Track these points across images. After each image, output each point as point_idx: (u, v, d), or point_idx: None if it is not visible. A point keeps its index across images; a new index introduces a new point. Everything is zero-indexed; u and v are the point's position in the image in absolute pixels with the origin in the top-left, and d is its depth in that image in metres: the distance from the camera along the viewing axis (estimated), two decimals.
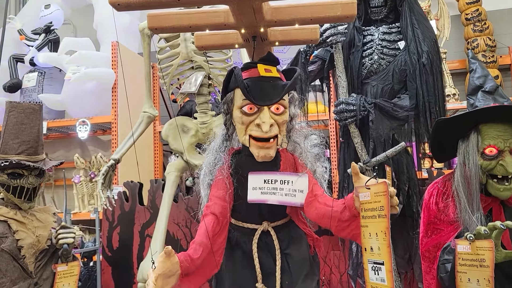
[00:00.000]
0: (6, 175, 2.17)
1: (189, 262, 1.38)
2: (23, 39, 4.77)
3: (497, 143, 1.59)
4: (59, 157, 4.91)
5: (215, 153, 1.66)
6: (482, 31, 4.09)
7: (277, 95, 1.49)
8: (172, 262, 1.32)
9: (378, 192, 1.27)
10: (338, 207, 1.43)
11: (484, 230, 1.41)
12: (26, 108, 2.23)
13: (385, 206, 1.24)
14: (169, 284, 1.32)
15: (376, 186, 1.28)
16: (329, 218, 1.45)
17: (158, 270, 1.29)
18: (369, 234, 1.29)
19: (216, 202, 1.56)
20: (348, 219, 1.41)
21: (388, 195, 1.24)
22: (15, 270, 2.11)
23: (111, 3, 1.28)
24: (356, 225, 1.38)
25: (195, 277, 1.43)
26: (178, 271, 1.34)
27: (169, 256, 1.31)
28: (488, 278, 1.37)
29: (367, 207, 1.31)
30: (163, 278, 1.30)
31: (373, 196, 1.29)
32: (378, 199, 1.27)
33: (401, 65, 2.34)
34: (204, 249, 1.44)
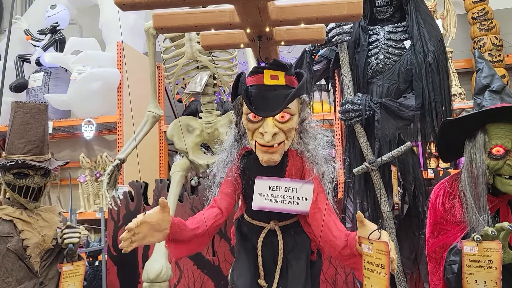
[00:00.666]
0: (12, 175, 2.18)
1: (181, 229, 1.41)
2: (29, 39, 4.79)
3: (504, 142, 1.58)
4: (65, 157, 4.93)
5: (226, 152, 1.70)
6: (488, 30, 4.07)
7: (279, 106, 1.49)
8: (164, 217, 1.35)
9: (380, 250, 1.29)
10: (340, 242, 1.45)
11: (492, 231, 1.40)
12: (32, 108, 2.24)
13: (386, 266, 1.26)
14: (153, 237, 1.35)
15: (378, 244, 1.29)
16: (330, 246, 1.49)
17: (147, 217, 1.31)
18: (370, 286, 1.31)
19: (223, 197, 1.63)
20: (348, 255, 1.44)
21: (389, 256, 1.25)
22: (21, 269, 2.12)
23: (116, 3, 1.28)
24: (355, 261, 1.41)
25: (180, 246, 1.47)
26: (167, 230, 1.36)
27: (163, 209, 1.33)
28: (496, 280, 1.36)
29: (369, 260, 1.33)
30: (149, 228, 1.32)
31: (375, 251, 1.30)
32: (379, 256, 1.29)
33: (407, 64, 2.32)
34: (200, 226, 1.49)
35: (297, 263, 1.61)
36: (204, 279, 3.05)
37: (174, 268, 3.06)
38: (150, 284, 2.68)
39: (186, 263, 3.09)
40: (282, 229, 1.64)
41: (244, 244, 1.69)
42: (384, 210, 2.24)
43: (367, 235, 1.32)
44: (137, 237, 1.31)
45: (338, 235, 1.47)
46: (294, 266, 1.61)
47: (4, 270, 2.07)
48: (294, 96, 1.51)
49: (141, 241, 1.33)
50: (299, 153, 1.66)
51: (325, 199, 1.57)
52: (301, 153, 1.65)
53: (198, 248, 1.58)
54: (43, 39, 4.74)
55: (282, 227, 1.64)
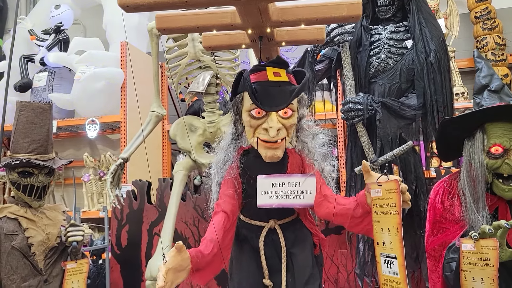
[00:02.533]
0: (17, 174, 2.21)
1: (200, 258, 1.41)
2: (34, 39, 4.82)
3: (503, 141, 1.59)
4: (69, 156, 4.97)
5: (224, 152, 1.69)
6: (491, 29, 4.06)
7: (285, 101, 1.51)
8: (183, 257, 1.35)
9: (390, 189, 1.30)
10: (351, 205, 1.47)
11: (489, 229, 1.41)
12: (36, 107, 2.27)
13: (397, 203, 1.27)
14: (179, 278, 1.35)
15: (388, 184, 1.31)
16: (342, 216, 1.49)
17: (168, 264, 1.32)
18: (381, 229, 1.32)
19: (226, 200, 1.61)
20: (361, 216, 1.44)
21: (400, 193, 1.27)
22: (26, 267, 2.14)
23: (120, 5, 1.30)
24: (369, 221, 1.41)
25: (205, 272, 1.47)
26: (189, 266, 1.37)
27: (180, 251, 1.34)
28: (493, 277, 1.37)
29: (378, 203, 1.33)
30: (174, 273, 1.33)
31: (384, 193, 1.31)
32: (389, 196, 1.29)
33: (409, 64, 2.33)
34: (214, 245, 1.47)
35: (301, 255, 1.62)
36: None
37: None
38: (153, 282, 2.70)
39: None
40: (282, 226, 1.65)
41: (242, 247, 1.68)
42: None
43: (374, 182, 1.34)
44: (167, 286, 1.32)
45: (347, 201, 1.49)
46: (299, 258, 1.61)
47: (9, 268, 2.10)
48: (299, 91, 1.53)
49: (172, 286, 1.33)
50: (298, 150, 1.67)
51: (329, 188, 1.59)
52: (299, 150, 1.66)
53: (221, 264, 1.57)
54: (47, 39, 4.77)
55: (281, 225, 1.65)
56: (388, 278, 1.28)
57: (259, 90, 1.51)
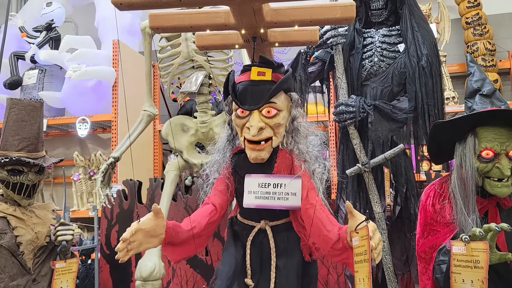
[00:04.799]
0: (6, 172, 2.18)
1: (176, 232, 1.42)
2: (24, 36, 4.77)
3: (494, 146, 1.61)
4: (59, 155, 4.91)
5: (219, 152, 1.70)
6: (482, 35, 4.11)
7: (262, 99, 1.52)
8: (158, 223, 1.36)
9: (363, 236, 1.30)
10: (333, 235, 1.46)
11: (479, 231, 1.42)
12: (27, 105, 2.24)
13: (367, 250, 1.27)
14: (149, 243, 1.36)
15: (362, 230, 1.31)
16: (323, 242, 1.50)
17: (141, 225, 1.33)
18: (359, 280, 1.32)
19: (217, 194, 1.65)
20: (340, 249, 1.45)
21: (369, 239, 1.27)
22: (14, 266, 2.12)
23: (113, 3, 1.30)
24: (347, 256, 1.42)
25: (177, 249, 1.49)
26: (162, 235, 1.38)
27: (156, 215, 1.34)
28: (482, 279, 1.38)
29: (357, 252, 1.34)
30: (144, 235, 1.33)
31: (360, 240, 1.32)
32: (363, 243, 1.30)
33: (401, 67, 2.35)
34: (196, 226, 1.50)
35: (287, 263, 1.62)
36: (197, 278, 3.07)
37: (167, 266, 3.06)
38: (143, 282, 2.69)
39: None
40: (273, 229, 1.65)
41: (234, 242, 1.70)
42: (376, 211, 2.26)
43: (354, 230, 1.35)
44: (132, 245, 1.31)
45: (332, 229, 1.48)
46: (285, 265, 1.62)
47: None
48: (276, 89, 1.53)
49: (137, 249, 1.34)
50: (289, 151, 1.67)
51: (316, 196, 1.58)
52: (291, 151, 1.67)
53: (195, 249, 1.58)
54: (38, 36, 4.72)
55: (273, 227, 1.65)
56: None
57: (241, 89, 1.55)
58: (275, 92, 1.53)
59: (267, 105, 1.53)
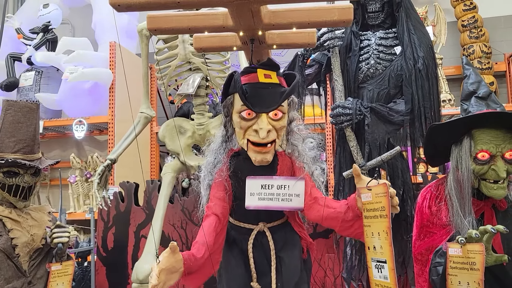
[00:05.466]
0: (2, 174, 2.17)
1: (192, 261, 1.41)
2: (21, 38, 4.76)
3: (489, 148, 1.62)
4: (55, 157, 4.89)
5: (214, 154, 1.69)
6: (478, 38, 4.13)
7: (275, 103, 1.51)
8: (176, 259, 1.35)
9: (379, 193, 1.31)
10: (341, 208, 1.47)
11: (475, 233, 1.42)
12: (23, 106, 2.24)
13: (386, 207, 1.28)
14: (171, 280, 1.35)
15: (377, 188, 1.32)
16: (332, 219, 1.50)
17: (162, 265, 1.31)
18: (371, 233, 1.32)
19: (217, 203, 1.60)
20: (352, 219, 1.45)
21: (389, 196, 1.28)
22: (9, 268, 2.11)
23: (111, 4, 1.29)
24: (359, 225, 1.42)
25: (196, 276, 1.48)
26: (181, 269, 1.37)
27: (174, 252, 1.34)
28: (478, 281, 1.38)
29: (369, 208, 1.34)
30: (166, 273, 1.32)
31: (374, 197, 1.32)
32: (379, 199, 1.31)
33: (397, 70, 2.36)
34: (206, 248, 1.47)
35: (289, 259, 1.62)
36: None
37: None
38: (139, 285, 2.67)
39: None
40: (271, 229, 1.65)
41: (231, 250, 1.67)
42: None
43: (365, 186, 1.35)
44: (159, 286, 1.31)
45: (338, 205, 1.49)
46: (287, 261, 1.61)
47: None
48: (290, 93, 1.54)
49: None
50: (288, 153, 1.67)
51: (318, 191, 1.59)
52: (289, 153, 1.67)
53: (212, 269, 1.56)
54: (35, 38, 4.71)
55: (271, 228, 1.65)
56: (379, 283, 1.29)
57: (250, 91, 1.52)
58: (288, 96, 1.54)
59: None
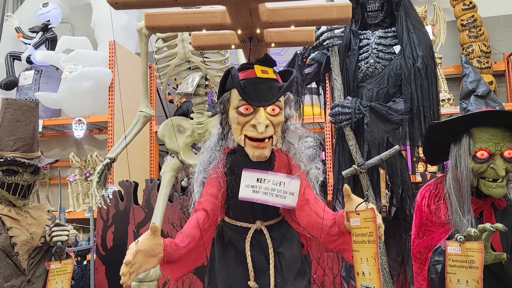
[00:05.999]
0: (1, 172, 2.17)
1: (173, 249, 1.39)
2: (21, 37, 4.76)
3: (488, 146, 1.62)
4: (55, 156, 4.90)
5: (210, 151, 1.67)
6: (477, 37, 4.13)
7: (273, 96, 1.50)
8: (156, 242, 1.33)
9: (367, 218, 1.31)
10: (328, 221, 1.46)
11: (474, 232, 1.43)
12: (23, 105, 2.24)
13: (374, 232, 1.28)
14: (148, 264, 1.33)
15: (365, 212, 1.31)
16: (318, 229, 1.49)
17: (140, 245, 1.30)
18: (360, 259, 1.32)
19: (208, 199, 1.58)
20: (336, 234, 1.44)
21: (376, 221, 1.27)
22: (8, 267, 2.11)
23: (109, 2, 1.29)
24: (343, 241, 1.42)
25: (176, 266, 1.45)
26: (161, 254, 1.35)
27: (154, 233, 1.32)
28: (477, 279, 1.39)
29: (357, 232, 1.34)
30: (144, 256, 1.30)
31: (362, 221, 1.32)
32: (367, 224, 1.30)
33: (397, 69, 2.36)
34: (191, 240, 1.46)
35: (289, 250, 1.61)
36: (193, 279, 3.06)
37: None
38: (139, 283, 2.68)
39: None
40: (268, 228, 1.65)
41: (227, 251, 1.66)
42: None
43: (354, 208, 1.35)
44: (133, 268, 1.29)
45: (326, 216, 1.48)
46: (287, 255, 1.61)
47: None
48: (288, 87, 1.53)
49: (137, 271, 1.30)
50: (284, 151, 1.67)
51: (312, 192, 1.59)
52: (286, 151, 1.67)
53: (195, 263, 1.55)
54: (35, 37, 4.72)
55: (268, 226, 1.65)
56: None
57: (248, 86, 1.51)
58: (287, 90, 1.53)
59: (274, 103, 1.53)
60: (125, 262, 1.27)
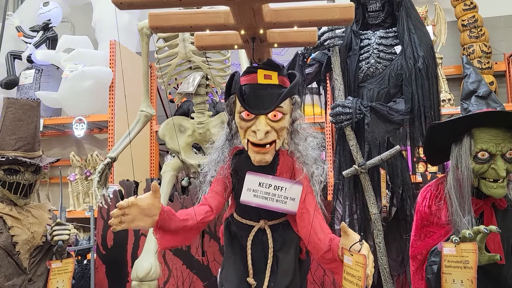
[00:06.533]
0: (3, 171, 2.18)
1: (169, 217, 1.43)
2: (21, 36, 4.76)
3: (489, 147, 1.62)
4: (55, 155, 4.89)
5: (218, 151, 1.71)
6: (478, 38, 4.14)
7: (272, 104, 1.52)
8: (154, 203, 1.37)
9: (359, 262, 1.32)
10: (324, 245, 1.49)
11: (469, 233, 1.45)
12: (24, 104, 2.24)
13: (362, 278, 1.30)
14: (142, 221, 1.36)
15: (358, 256, 1.33)
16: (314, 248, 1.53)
17: (138, 200, 1.33)
18: None
19: (213, 195, 1.65)
20: (330, 259, 1.48)
21: (365, 269, 1.29)
22: (10, 266, 2.11)
23: (114, 2, 1.29)
24: (336, 266, 1.46)
25: (166, 235, 1.49)
26: (156, 216, 1.38)
27: (154, 193, 1.35)
28: (471, 279, 1.41)
29: (348, 271, 1.37)
30: (139, 212, 1.34)
31: (354, 264, 1.34)
32: (357, 268, 1.33)
33: (397, 69, 2.36)
34: (188, 219, 1.51)
35: (285, 259, 1.63)
36: (193, 279, 3.06)
37: (163, 267, 3.06)
38: (139, 282, 2.69)
39: (175, 262, 3.10)
40: (272, 228, 1.66)
41: (232, 244, 1.70)
42: (372, 212, 2.27)
43: (349, 245, 1.37)
44: (126, 218, 1.32)
45: (323, 238, 1.50)
46: (283, 262, 1.63)
47: None
48: (287, 95, 1.54)
49: (130, 224, 1.35)
50: (290, 153, 1.68)
51: (314, 200, 1.60)
52: (291, 153, 1.68)
53: (184, 241, 1.60)
54: (35, 36, 4.71)
55: (271, 226, 1.66)
56: None
57: (248, 92, 1.54)
58: (285, 98, 1.55)
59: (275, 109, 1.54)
60: (118, 206, 1.30)
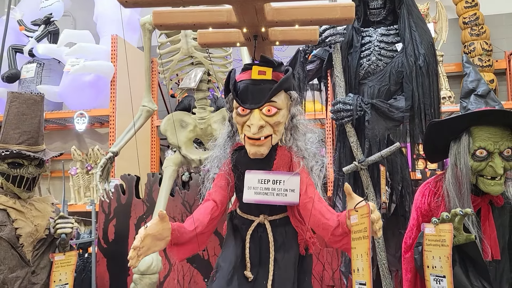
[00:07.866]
0: (6, 165, 2.20)
1: (181, 233, 1.46)
2: (23, 30, 4.76)
3: (487, 145, 1.65)
4: (56, 149, 4.92)
5: (220, 148, 1.74)
6: (479, 35, 4.14)
7: (263, 98, 1.55)
8: (164, 227, 1.40)
9: (363, 214, 1.34)
10: (333, 222, 1.50)
11: (446, 215, 1.55)
12: (28, 98, 2.26)
13: (368, 228, 1.31)
14: (156, 246, 1.40)
15: (362, 208, 1.36)
16: (323, 230, 1.54)
17: (149, 230, 1.36)
18: (356, 255, 1.37)
19: (217, 190, 1.68)
20: (340, 235, 1.48)
21: (370, 217, 1.31)
22: (13, 258, 2.14)
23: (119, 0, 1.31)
24: (347, 241, 1.45)
25: (182, 249, 1.53)
26: (168, 237, 1.42)
27: (162, 219, 1.38)
28: (447, 256, 1.53)
29: (355, 229, 1.39)
30: (152, 239, 1.37)
31: (359, 218, 1.36)
32: (363, 220, 1.35)
33: (398, 66, 2.37)
34: (199, 225, 1.54)
35: (285, 256, 1.65)
36: (194, 273, 3.09)
37: (164, 261, 3.09)
38: (140, 276, 2.71)
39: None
40: (272, 223, 1.68)
41: (233, 235, 1.73)
42: None
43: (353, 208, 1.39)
44: (142, 250, 1.35)
45: (330, 217, 1.52)
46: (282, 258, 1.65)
47: None
48: (277, 89, 1.57)
49: (146, 253, 1.37)
50: (288, 148, 1.70)
51: (315, 191, 1.62)
52: (290, 148, 1.70)
53: (200, 247, 1.61)
54: (37, 30, 4.71)
55: (271, 222, 1.68)
56: None
57: (242, 88, 1.58)
58: (275, 92, 1.57)
59: (268, 104, 1.56)
60: (133, 247, 1.33)
